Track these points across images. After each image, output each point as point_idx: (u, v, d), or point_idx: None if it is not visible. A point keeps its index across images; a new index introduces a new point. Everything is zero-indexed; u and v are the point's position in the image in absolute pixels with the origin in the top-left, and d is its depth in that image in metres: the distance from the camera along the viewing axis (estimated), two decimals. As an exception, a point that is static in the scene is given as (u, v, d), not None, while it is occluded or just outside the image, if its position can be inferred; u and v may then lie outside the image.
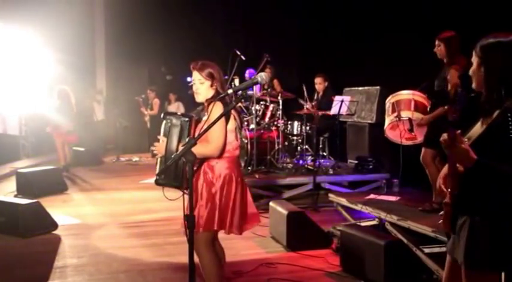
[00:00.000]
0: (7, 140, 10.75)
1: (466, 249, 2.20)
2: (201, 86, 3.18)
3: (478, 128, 2.23)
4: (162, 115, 3.30)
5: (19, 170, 7.82)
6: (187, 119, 3.16)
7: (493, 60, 2.21)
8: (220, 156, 3.12)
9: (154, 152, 3.22)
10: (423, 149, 4.94)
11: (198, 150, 2.75)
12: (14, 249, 5.01)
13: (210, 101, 3.11)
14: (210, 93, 3.19)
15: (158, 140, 3.21)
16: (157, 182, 3.15)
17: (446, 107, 4.67)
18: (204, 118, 3.17)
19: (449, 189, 2.31)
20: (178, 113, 3.28)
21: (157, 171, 3.19)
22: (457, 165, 2.26)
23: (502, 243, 2.13)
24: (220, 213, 3.12)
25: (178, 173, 3.07)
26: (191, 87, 3.30)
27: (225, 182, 3.14)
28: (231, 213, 3.15)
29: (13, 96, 10.67)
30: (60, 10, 11.01)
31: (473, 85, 2.33)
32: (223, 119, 2.95)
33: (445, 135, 2.17)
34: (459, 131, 2.16)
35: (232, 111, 3.14)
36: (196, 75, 3.18)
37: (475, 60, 2.29)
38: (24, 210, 5.34)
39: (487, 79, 2.22)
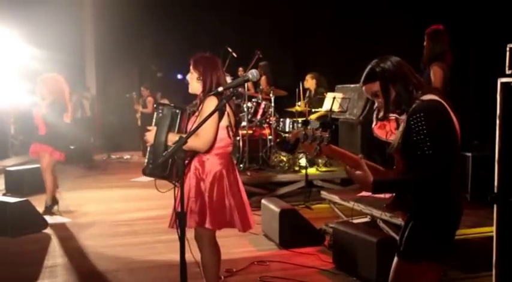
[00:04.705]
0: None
1: (399, 240, 2.39)
2: (191, 77, 3.17)
3: (398, 134, 2.34)
4: (154, 105, 3.31)
5: (8, 168, 7.73)
6: (178, 110, 3.14)
7: (392, 77, 2.27)
8: (209, 151, 3.08)
9: (146, 140, 3.19)
10: None
11: (187, 143, 2.71)
12: (3, 248, 4.94)
13: (206, 95, 3.07)
14: (198, 86, 3.15)
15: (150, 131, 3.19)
16: (145, 173, 3.15)
17: None
18: (196, 114, 3.14)
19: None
20: (172, 104, 3.27)
21: (145, 161, 3.19)
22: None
23: (428, 236, 2.27)
24: (212, 212, 3.07)
25: (166, 164, 3.04)
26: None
27: (215, 179, 3.09)
28: (229, 210, 3.10)
29: (1, 94, 10.56)
30: (49, 8, 10.89)
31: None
32: (215, 114, 2.92)
33: (347, 167, 2.29)
34: (360, 156, 2.30)
35: (227, 109, 3.10)
36: (190, 65, 3.18)
37: (378, 88, 2.31)
38: (13, 209, 5.27)
39: (397, 92, 2.27)
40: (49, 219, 5.78)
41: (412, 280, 2.33)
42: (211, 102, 2.93)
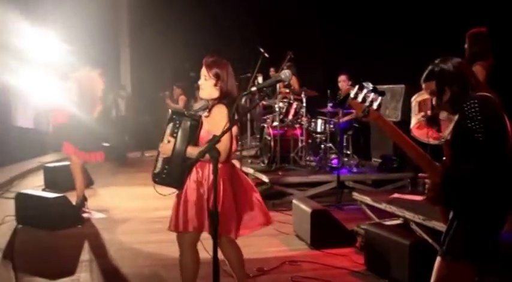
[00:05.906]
0: (35, 135, 10.97)
1: (443, 239, 2.34)
2: (205, 83, 3.12)
3: (450, 127, 2.34)
4: (170, 113, 3.17)
5: (46, 165, 7.96)
6: (196, 122, 3.08)
7: (447, 79, 2.31)
8: (227, 159, 3.08)
9: (161, 152, 3.13)
10: None
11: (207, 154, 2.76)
12: (41, 242, 5.09)
13: (215, 102, 3.09)
14: (214, 92, 3.11)
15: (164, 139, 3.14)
16: (156, 181, 3.17)
17: None
18: (204, 114, 3.14)
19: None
20: (186, 113, 3.17)
21: (157, 169, 3.16)
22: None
23: (472, 236, 2.23)
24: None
25: (183, 173, 3.07)
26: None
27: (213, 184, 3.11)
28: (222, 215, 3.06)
29: (41, 93, 10.85)
30: (85, 6, 11.14)
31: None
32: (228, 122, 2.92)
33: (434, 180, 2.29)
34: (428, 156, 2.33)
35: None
36: (203, 70, 3.13)
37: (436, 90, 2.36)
38: (52, 204, 5.44)
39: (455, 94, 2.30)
40: (85, 215, 5.94)
41: (453, 281, 2.28)
42: (222, 110, 2.97)
